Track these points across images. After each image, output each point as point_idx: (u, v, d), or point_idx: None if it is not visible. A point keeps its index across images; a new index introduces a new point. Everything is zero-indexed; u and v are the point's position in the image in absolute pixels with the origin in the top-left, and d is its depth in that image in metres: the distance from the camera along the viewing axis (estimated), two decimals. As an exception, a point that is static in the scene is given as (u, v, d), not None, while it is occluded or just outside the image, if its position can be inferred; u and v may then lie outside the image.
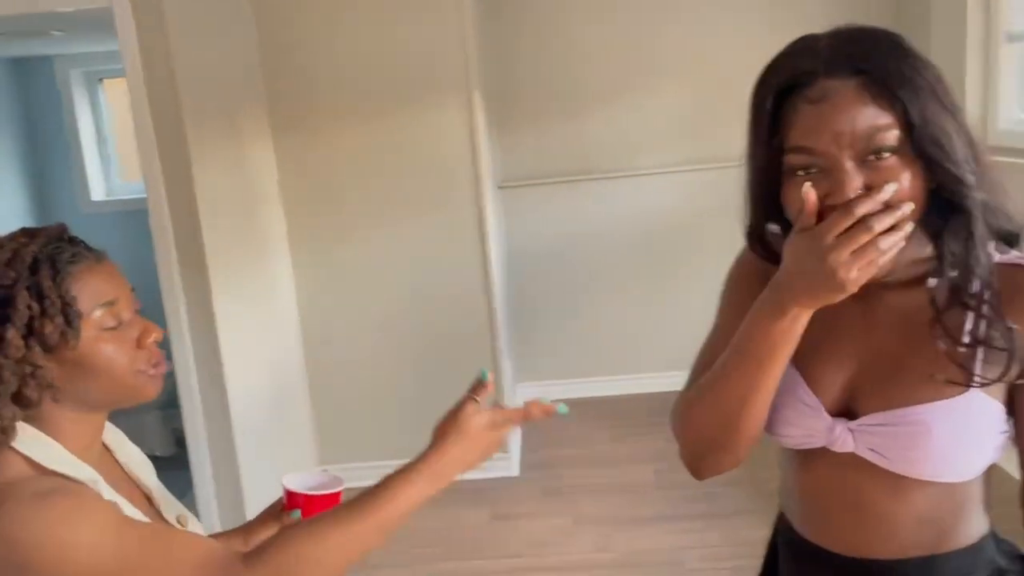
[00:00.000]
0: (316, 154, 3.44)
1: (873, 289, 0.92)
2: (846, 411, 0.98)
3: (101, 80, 5.35)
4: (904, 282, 0.95)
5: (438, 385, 3.65)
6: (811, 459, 1.01)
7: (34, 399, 1.00)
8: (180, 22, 2.67)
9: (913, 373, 0.93)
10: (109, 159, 5.47)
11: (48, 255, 1.01)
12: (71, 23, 3.90)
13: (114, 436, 1.19)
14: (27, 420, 1.01)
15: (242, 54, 3.24)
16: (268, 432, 3.15)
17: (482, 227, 3.47)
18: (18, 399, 0.99)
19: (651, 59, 4.13)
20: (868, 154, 0.86)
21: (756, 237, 1.00)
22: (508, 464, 3.63)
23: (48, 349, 1.00)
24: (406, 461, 1.08)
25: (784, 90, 0.90)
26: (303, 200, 3.48)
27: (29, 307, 0.98)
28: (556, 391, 4.41)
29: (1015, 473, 0.95)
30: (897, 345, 0.95)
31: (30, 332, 0.98)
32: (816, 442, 0.99)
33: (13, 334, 0.97)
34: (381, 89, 3.38)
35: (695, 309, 4.26)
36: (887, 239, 0.82)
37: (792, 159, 0.89)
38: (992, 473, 0.98)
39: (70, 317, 1.00)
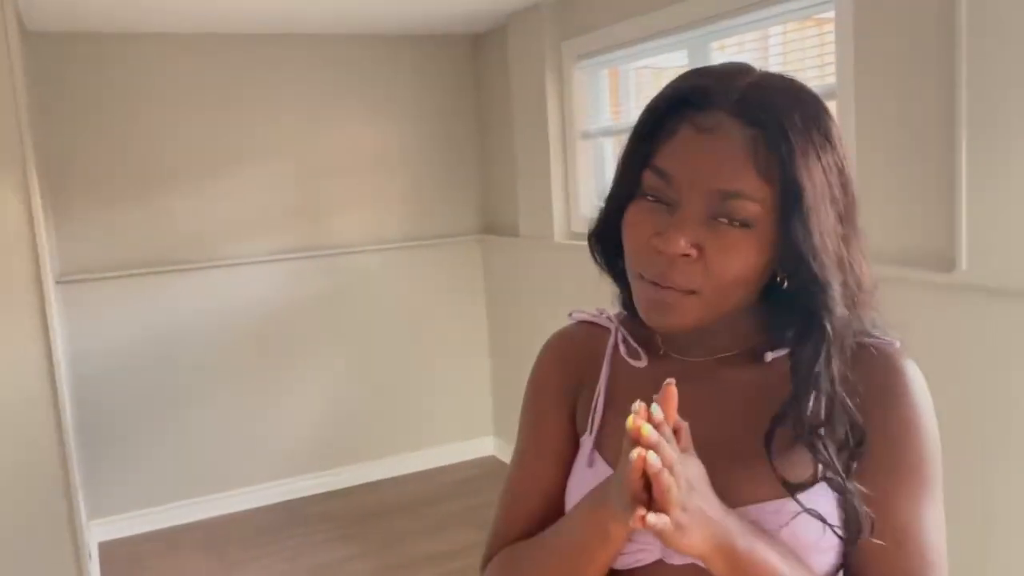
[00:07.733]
0: None
1: (710, 367, 0.86)
2: None
3: None
4: (741, 355, 0.86)
5: None
6: None
7: None
8: None
9: (755, 466, 0.80)
10: None
11: None
12: None
13: None
14: None
15: None
16: None
17: (46, 330, 2.78)
18: None
19: (236, 145, 3.81)
20: (719, 214, 0.77)
21: (596, 239, 0.89)
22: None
23: None
24: None
25: (680, 103, 0.79)
26: None
27: None
28: (145, 520, 3.72)
29: None
30: (742, 433, 0.83)
31: None
32: (648, 556, 0.83)
33: None
34: None
35: (305, 407, 3.99)
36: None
37: (648, 178, 0.80)
38: None
39: None
